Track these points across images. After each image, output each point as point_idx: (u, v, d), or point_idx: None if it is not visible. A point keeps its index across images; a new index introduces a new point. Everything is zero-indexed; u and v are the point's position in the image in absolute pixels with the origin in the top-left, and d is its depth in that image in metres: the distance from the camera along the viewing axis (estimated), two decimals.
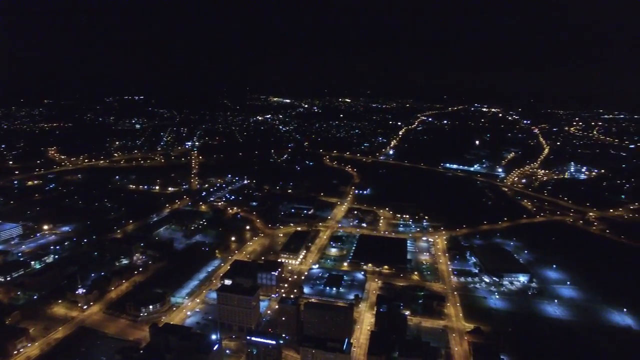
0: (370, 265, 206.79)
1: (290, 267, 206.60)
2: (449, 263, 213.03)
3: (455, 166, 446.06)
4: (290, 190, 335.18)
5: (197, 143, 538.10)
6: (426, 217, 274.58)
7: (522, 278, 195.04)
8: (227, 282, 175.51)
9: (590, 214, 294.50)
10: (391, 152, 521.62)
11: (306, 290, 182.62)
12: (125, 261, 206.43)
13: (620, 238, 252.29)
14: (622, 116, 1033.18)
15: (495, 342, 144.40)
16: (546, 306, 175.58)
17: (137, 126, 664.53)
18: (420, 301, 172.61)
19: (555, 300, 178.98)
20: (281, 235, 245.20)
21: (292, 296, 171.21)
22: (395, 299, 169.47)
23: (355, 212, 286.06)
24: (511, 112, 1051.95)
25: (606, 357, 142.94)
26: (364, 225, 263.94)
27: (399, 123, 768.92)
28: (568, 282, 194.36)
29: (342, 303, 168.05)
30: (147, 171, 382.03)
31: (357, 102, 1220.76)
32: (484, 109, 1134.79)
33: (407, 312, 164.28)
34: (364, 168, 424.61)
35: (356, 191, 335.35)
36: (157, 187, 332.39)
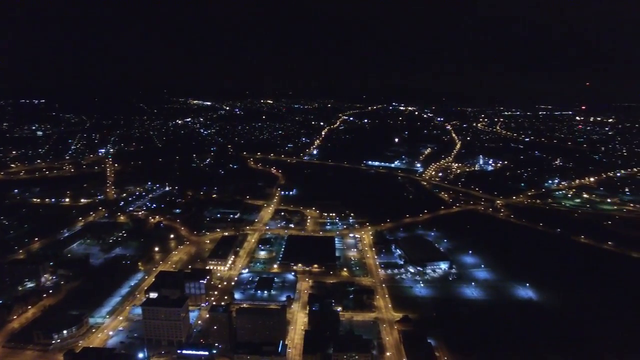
0: (300, 265, 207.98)
1: (219, 274, 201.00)
2: (375, 257, 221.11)
3: (376, 163, 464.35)
4: (215, 195, 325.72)
5: (111, 150, 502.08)
6: (352, 214, 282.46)
7: (443, 265, 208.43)
8: (153, 295, 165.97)
9: (498, 201, 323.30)
10: (315, 152, 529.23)
11: (237, 296, 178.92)
12: (30, 284, 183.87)
13: (522, 221, 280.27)
14: (518, 113, 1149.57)
15: (422, 328, 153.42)
16: (465, 289, 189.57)
17: (39, 133, 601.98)
18: (350, 296, 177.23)
19: (472, 283, 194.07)
20: (208, 241, 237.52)
21: (222, 303, 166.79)
22: (327, 297, 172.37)
23: (282, 213, 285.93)
24: (426, 110, 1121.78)
25: (512, 327, 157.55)
26: (292, 225, 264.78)
27: (322, 123, 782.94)
28: (482, 265, 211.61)
29: (275, 305, 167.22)
30: (54, 182, 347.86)
31: (279, 103, 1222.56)
32: (401, 108, 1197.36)
33: (339, 308, 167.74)
34: (289, 169, 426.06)
35: (282, 192, 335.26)
36: (67, 200, 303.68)
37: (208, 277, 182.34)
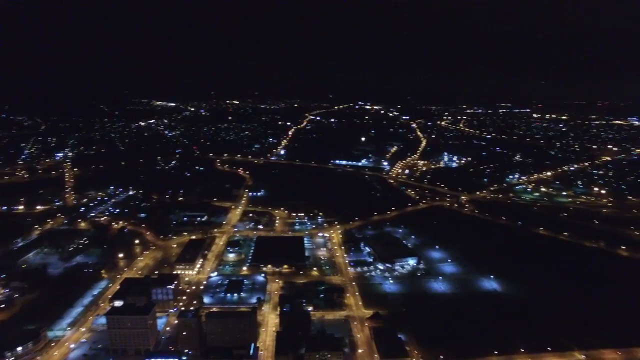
0: (269, 266, 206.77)
1: (187, 278, 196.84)
2: (345, 255, 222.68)
3: (344, 162, 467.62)
4: (181, 198, 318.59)
5: (70, 154, 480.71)
6: (320, 214, 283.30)
7: (411, 261, 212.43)
8: (118, 303, 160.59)
9: (462, 197, 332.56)
10: (282, 152, 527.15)
11: (206, 300, 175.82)
12: None
13: (485, 216, 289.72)
14: (480, 111, 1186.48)
15: (393, 324, 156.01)
16: (433, 284, 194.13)
17: None
18: (321, 295, 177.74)
19: (440, 277, 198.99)
20: (175, 245, 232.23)
21: (191, 308, 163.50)
22: (298, 297, 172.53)
23: (251, 214, 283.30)
24: (391, 109, 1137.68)
25: (479, 318, 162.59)
26: (261, 227, 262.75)
27: (289, 123, 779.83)
28: (449, 260, 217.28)
29: (245, 308, 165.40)
30: (6, 189, 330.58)
31: (245, 103, 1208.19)
32: (367, 107, 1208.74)
33: (310, 308, 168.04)
34: (257, 170, 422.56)
35: (250, 193, 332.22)
36: (21, 207, 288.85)
37: (176, 282, 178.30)
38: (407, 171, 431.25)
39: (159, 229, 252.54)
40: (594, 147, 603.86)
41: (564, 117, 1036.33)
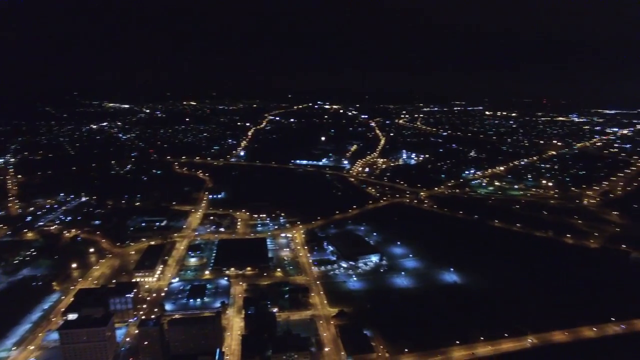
0: (233, 269, 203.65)
1: (147, 286, 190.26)
2: (308, 255, 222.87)
3: (304, 162, 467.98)
4: (138, 203, 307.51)
5: (12, 159, 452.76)
6: (282, 214, 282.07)
7: (374, 258, 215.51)
8: (72, 316, 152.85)
9: (422, 193, 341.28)
10: (242, 153, 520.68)
11: (168, 307, 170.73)
12: None
13: (444, 210, 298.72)
14: (436, 109, 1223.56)
15: (358, 321, 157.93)
16: (396, 279, 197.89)
17: None
18: (286, 296, 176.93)
19: (402, 273, 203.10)
20: (133, 252, 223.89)
21: (153, 316, 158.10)
22: (262, 299, 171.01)
23: (212, 217, 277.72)
24: (350, 108, 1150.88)
25: (441, 310, 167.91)
26: (222, 230, 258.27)
27: (248, 124, 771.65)
28: (410, 255, 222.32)
29: (209, 313, 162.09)
30: None
31: (202, 104, 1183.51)
32: (327, 106, 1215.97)
33: (275, 309, 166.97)
34: (216, 172, 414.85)
35: (210, 196, 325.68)
36: None
37: (135, 290, 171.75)
38: (367, 169, 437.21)
39: (116, 236, 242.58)
40: (541, 142, 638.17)
41: (513, 114, 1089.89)
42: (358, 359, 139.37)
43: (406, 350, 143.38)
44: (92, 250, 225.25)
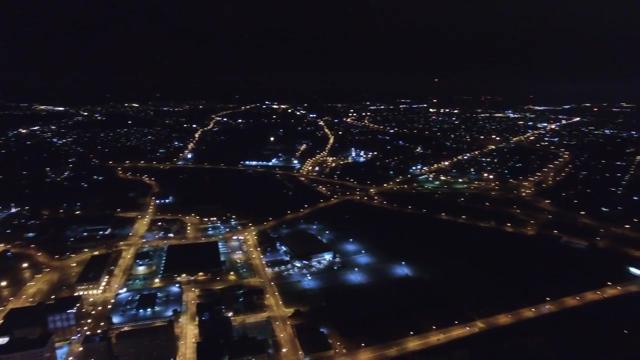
0: (184, 275, 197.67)
1: (92, 299, 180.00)
2: (261, 256, 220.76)
3: (254, 163, 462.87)
4: (78, 212, 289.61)
5: None
6: (233, 216, 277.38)
7: (327, 256, 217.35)
8: (2, 340, 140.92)
9: (371, 190, 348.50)
10: (189, 155, 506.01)
11: (116, 319, 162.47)
12: None
13: (393, 206, 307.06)
14: (382, 107, 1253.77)
15: (314, 319, 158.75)
16: (349, 276, 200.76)
17: None
18: (240, 299, 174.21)
19: (356, 269, 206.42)
20: (74, 264, 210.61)
21: (99, 331, 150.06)
22: (216, 304, 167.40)
23: (160, 223, 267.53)
24: (299, 108, 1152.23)
25: (394, 303, 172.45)
26: (171, 235, 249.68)
27: (194, 125, 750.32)
28: (363, 251, 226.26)
29: (161, 322, 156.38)
30: None
31: (146, 106, 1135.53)
32: (275, 106, 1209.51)
33: (230, 314, 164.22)
34: (163, 175, 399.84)
35: (157, 201, 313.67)
36: None
37: (77, 305, 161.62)
38: (317, 168, 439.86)
39: (53, 248, 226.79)
40: (481, 137, 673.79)
41: (455, 111, 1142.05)
42: (316, 358, 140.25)
43: (363, 344, 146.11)
44: (25, 265, 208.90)
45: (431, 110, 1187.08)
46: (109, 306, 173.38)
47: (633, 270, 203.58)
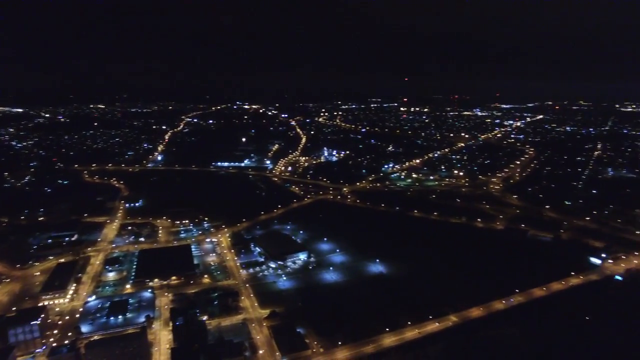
0: (157, 280, 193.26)
1: (58, 309, 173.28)
2: (235, 258, 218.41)
3: (226, 164, 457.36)
4: (42, 218, 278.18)
5: None
6: (206, 219, 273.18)
7: (302, 256, 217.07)
8: None
9: (344, 189, 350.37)
10: (160, 157, 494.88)
11: (85, 329, 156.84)
12: None
13: (367, 204, 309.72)
14: (354, 106, 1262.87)
15: (291, 320, 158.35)
16: (324, 275, 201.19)
17: None
18: (215, 302, 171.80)
19: (331, 268, 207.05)
20: (38, 273, 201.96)
21: (66, 342, 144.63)
22: (190, 308, 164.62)
23: (130, 227, 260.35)
24: (270, 108, 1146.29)
25: (369, 301, 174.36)
26: (142, 239, 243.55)
27: (164, 127, 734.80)
28: (337, 250, 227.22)
29: (133, 329, 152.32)
30: None
31: (113, 107, 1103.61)
32: (246, 106, 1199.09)
33: (205, 317, 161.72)
34: (132, 178, 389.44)
35: (127, 205, 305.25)
36: None
37: (42, 316, 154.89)
38: (290, 168, 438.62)
39: (15, 257, 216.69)
40: (451, 135, 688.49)
41: (426, 110, 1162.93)
42: (293, 358, 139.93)
43: (339, 343, 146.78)
44: None
45: (402, 109, 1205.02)
46: (77, 315, 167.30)
47: (593, 260, 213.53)
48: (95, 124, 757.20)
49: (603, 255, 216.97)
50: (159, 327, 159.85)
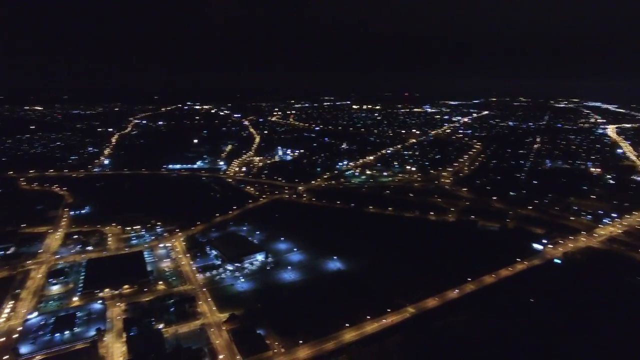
0: (107, 290, 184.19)
1: None
2: (191, 262, 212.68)
3: (178, 166, 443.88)
4: None
5: None
6: (159, 223, 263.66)
7: (260, 257, 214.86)
8: None
9: (300, 187, 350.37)
10: (107, 161, 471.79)
11: (25, 349, 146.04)
12: None
13: (322, 202, 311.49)
14: (307, 105, 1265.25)
15: (250, 322, 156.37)
16: (283, 274, 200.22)
17: None
18: (171, 309, 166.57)
19: (289, 267, 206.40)
20: None
21: None
22: (145, 317, 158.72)
23: (76, 236, 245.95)
24: (222, 108, 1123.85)
25: (328, 298, 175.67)
26: (90, 248, 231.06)
27: (110, 129, 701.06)
28: (295, 249, 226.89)
29: (82, 344, 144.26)
30: None
31: (51, 109, 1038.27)
32: (197, 107, 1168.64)
33: (161, 325, 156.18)
34: (77, 184, 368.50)
35: (71, 212, 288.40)
36: None
37: None
38: (244, 168, 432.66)
39: None
40: (402, 131, 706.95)
41: (377, 107, 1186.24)
42: None
43: (301, 341, 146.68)
44: None
45: (354, 107, 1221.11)
46: (15, 335, 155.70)
47: (536, 246, 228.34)
48: (32, 127, 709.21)
49: (544, 241, 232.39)
50: (112, 340, 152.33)
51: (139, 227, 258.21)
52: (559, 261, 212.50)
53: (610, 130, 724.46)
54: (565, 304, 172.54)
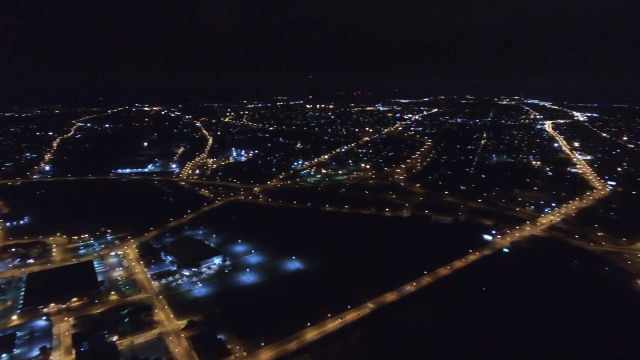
0: (52, 304, 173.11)
1: None
2: (145, 270, 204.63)
3: (128, 170, 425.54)
4: None
5: None
6: (109, 231, 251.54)
7: (217, 260, 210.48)
8: None
9: (255, 188, 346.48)
10: (47, 168, 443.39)
11: None
12: None
13: (278, 203, 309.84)
14: (260, 105, 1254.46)
15: (210, 327, 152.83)
16: (242, 277, 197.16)
17: None
18: (126, 320, 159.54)
19: (247, 269, 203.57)
20: None
21: None
22: (97, 330, 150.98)
23: (14, 249, 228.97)
24: (172, 109, 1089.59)
25: (289, 298, 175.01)
26: (31, 261, 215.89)
27: (51, 133, 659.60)
28: (253, 251, 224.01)
29: None
30: None
31: None
32: (146, 108, 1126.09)
33: (115, 337, 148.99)
34: (14, 193, 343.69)
35: (7, 223, 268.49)
36: None
37: None
38: (197, 171, 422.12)
39: None
40: (356, 130, 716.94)
41: (331, 107, 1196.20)
42: None
43: (262, 344, 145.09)
44: None
45: (308, 106, 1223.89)
46: None
47: (486, 237, 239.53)
48: None
49: (493, 231, 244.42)
50: (60, 357, 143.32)
51: (86, 235, 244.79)
52: (507, 250, 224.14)
53: (547, 126, 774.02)
54: (515, 290, 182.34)
